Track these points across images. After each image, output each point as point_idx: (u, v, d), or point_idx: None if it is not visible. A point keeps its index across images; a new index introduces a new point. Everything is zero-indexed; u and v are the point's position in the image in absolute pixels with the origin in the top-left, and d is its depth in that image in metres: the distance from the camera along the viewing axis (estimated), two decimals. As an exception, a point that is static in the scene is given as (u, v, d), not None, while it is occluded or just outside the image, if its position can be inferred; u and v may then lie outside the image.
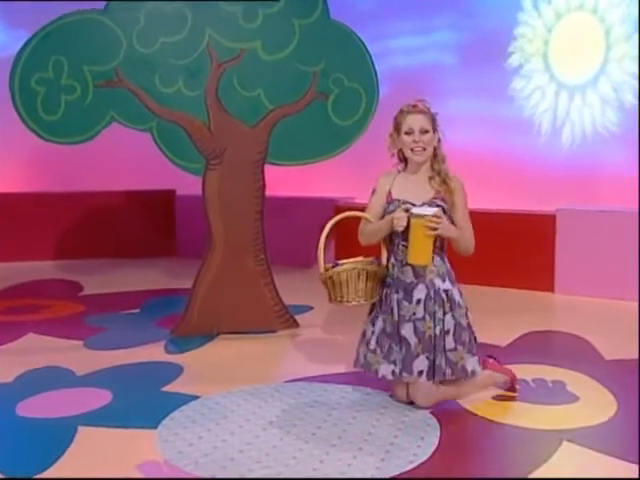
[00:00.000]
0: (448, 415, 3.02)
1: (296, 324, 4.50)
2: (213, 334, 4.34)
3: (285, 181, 7.06)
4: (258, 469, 2.52)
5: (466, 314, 3.08)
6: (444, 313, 3.01)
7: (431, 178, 3.10)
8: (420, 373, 2.98)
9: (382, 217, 3.10)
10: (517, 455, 2.71)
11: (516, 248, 5.82)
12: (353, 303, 3.03)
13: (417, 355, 2.98)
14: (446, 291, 3.03)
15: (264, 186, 4.38)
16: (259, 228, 4.38)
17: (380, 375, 3.05)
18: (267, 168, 4.41)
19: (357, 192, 6.98)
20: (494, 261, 5.75)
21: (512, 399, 3.24)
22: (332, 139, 4.56)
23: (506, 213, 5.95)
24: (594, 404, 3.14)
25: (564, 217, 5.61)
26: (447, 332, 3.01)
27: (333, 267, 3.08)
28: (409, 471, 2.51)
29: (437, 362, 2.98)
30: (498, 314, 4.88)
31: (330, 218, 5.86)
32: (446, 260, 3.12)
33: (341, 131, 4.54)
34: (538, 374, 3.55)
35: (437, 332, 2.98)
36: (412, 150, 3.07)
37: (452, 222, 3.04)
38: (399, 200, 3.07)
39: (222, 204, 4.32)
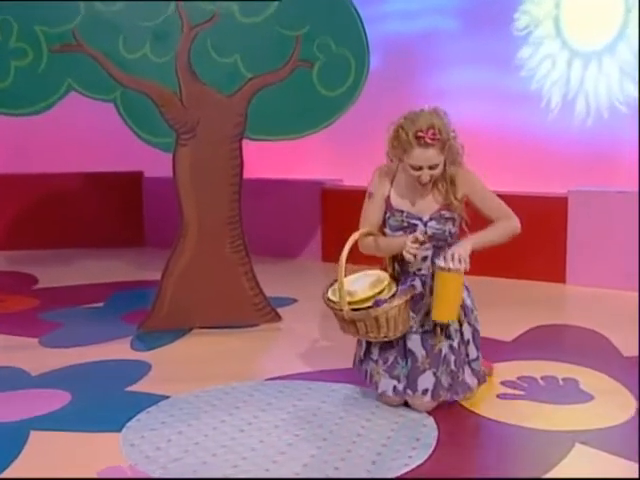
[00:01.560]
0: (446, 414, 3.03)
1: (278, 317, 4.49)
2: (185, 329, 4.34)
3: (266, 160, 7.06)
4: (235, 474, 2.52)
5: (476, 316, 3.12)
6: (460, 324, 3.04)
7: (436, 187, 3.00)
8: (425, 392, 2.99)
9: (383, 223, 3.08)
10: (524, 459, 2.72)
11: (523, 235, 5.79)
12: (397, 335, 2.98)
13: (423, 370, 3.00)
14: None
15: (242, 164, 4.36)
16: (236, 210, 4.37)
17: (380, 390, 3.07)
18: (245, 144, 4.39)
19: (346, 173, 6.99)
20: (498, 250, 5.74)
21: (518, 397, 3.25)
22: (317, 111, 4.54)
23: (511, 196, 5.82)
24: (610, 404, 3.15)
25: (577, 200, 5.63)
26: (467, 342, 3.07)
27: (368, 303, 2.95)
28: (404, 475, 2.52)
29: (442, 381, 2.99)
30: (503, 307, 4.90)
31: (316, 202, 5.85)
32: None
33: (327, 103, 4.53)
34: (548, 371, 3.57)
35: (455, 345, 3.02)
36: (418, 179, 2.95)
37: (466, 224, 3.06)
38: (402, 212, 3.02)
39: (195, 184, 4.30)
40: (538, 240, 5.75)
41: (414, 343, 3.01)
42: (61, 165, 7.40)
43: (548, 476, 2.51)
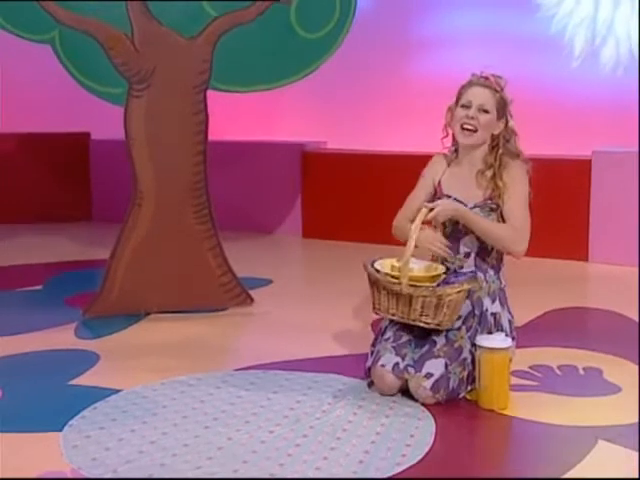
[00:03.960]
0: (446, 407, 3.05)
1: (250, 300, 4.51)
2: (140, 314, 4.35)
3: (237, 118, 7.04)
4: (197, 476, 2.52)
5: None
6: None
7: (480, 172, 3.24)
8: (428, 376, 3.05)
9: None
10: (538, 458, 2.73)
11: (540, 205, 5.84)
12: (449, 325, 3.11)
13: (437, 357, 3.09)
14: (494, 314, 3.23)
15: (207, 119, 4.35)
16: (201, 175, 4.37)
17: (380, 364, 3.13)
18: (212, 97, 4.38)
19: (330, 134, 6.99)
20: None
21: (531, 389, 3.28)
22: (296, 57, 4.56)
23: (528, 158, 5.97)
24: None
25: (602, 162, 5.66)
26: None
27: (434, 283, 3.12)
28: (395, 475, 2.53)
29: (451, 378, 3.07)
30: (516, 288, 4.91)
31: (296, 168, 5.83)
32: (502, 275, 3.33)
33: (308, 47, 4.54)
34: (566, 359, 3.61)
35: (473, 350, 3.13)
36: (461, 127, 3.20)
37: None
38: (449, 197, 3.25)
39: (151, 143, 4.29)
40: (556, 211, 5.79)
41: (437, 335, 3.13)
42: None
43: (566, 476, 2.53)
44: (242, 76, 4.49)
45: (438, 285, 3.10)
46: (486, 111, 3.18)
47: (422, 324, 3.08)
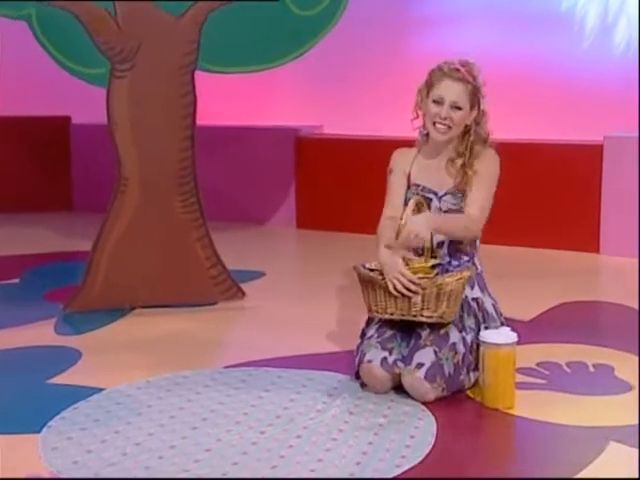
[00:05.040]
0: (447, 406, 3.07)
1: (241, 294, 4.53)
2: (125, 309, 4.35)
3: (227, 102, 7.03)
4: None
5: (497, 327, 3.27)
6: (477, 324, 3.26)
7: (451, 161, 3.35)
8: (419, 366, 3.07)
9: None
10: (545, 460, 2.73)
11: (548, 193, 5.88)
12: (452, 318, 3.16)
13: (424, 346, 3.13)
14: (476, 299, 3.31)
15: (195, 102, 4.36)
16: (189, 161, 4.38)
17: (366, 360, 3.16)
18: (200, 79, 4.38)
19: (326, 118, 6.98)
20: (519, 213, 5.81)
21: (538, 387, 3.29)
22: (290, 36, 4.56)
23: (534, 144, 5.99)
24: (652, 394, 3.21)
25: (614, 148, 5.67)
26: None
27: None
28: (395, 477, 2.54)
29: (444, 365, 3.09)
30: (522, 280, 4.95)
31: (289, 154, 5.85)
32: (477, 260, 3.40)
33: (302, 25, 4.55)
34: (575, 356, 3.62)
35: (469, 340, 3.19)
36: (434, 125, 3.28)
37: None
38: (417, 185, 3.37)
39: (135, 127, 4.30)
40: (565, 200, 5.81)
41: (420, 327, 3.18)
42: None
43: (577, 477, 2.55)
44: (232, 56, 4.50)
45: (436, 275, 3.16)
46: (459, 108, 3.24)
47: (424, 319, 3.11)
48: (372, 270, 3.17)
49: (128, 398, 3.18)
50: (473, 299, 3.29)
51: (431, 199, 3.33)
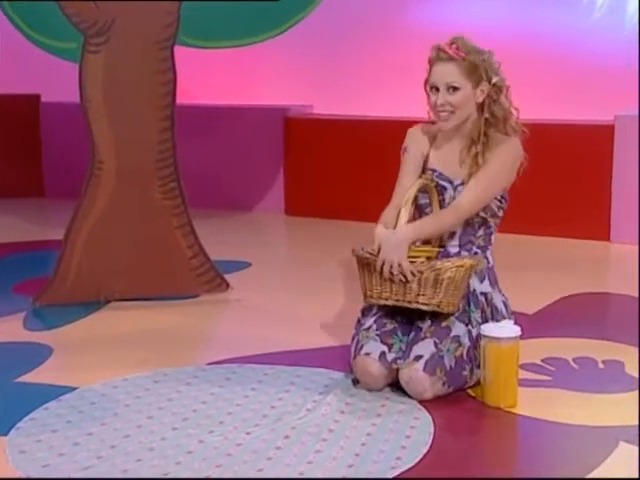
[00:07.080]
0: (446, 405, 3.09)
1: (225, 285, 4.53)
2: (99, 302, 4.36)
3: (210, 80, 7.02)
4: (165, 483, 2.56)
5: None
6: (484, 319, 3.27)
7: (466, 149, 3.34)
8: (418, 358, 3.09)
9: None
10: (550, 462, 2.76)
11: (555, 177, 5.89)
12: (451, 310, 3.18)
13: (423, 339, 3.16)
14: (485, 294, 3.32)
15: (175, 79, 4.35)
16: (169, 143, 4.38)
17: (363, 352, 3.18)
18: (180, 54, 4.38)
19: (317, 97, 6.98)
20: (524, 200, 5.80)
21: (543, 384, 3.31)
22: (276, 8, 4.55)
23: (542, 124, 5.98)
24: (664, 391, 3.23)
25: (626, 129, 5.68)
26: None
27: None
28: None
29: (445, 359, 3.11)
30: (528, 271, 4.97)
31: (278, 135, 5.85)
32: (489, 254, 3.40)
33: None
34: (583, 351, 3.64)
35: (474, 333, 3.20)
36: (438, 114, 3.29)
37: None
38: (434, 171, 3.36)
39: (110, 106, 4.30)
40: (574, 184, 5.82)
41: (422, 320, 3.21)
42: None
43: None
44: (215, 30, 4.49)
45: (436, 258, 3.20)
46: (456, 88, 3.23)
47: (420, 306, 3.12)
48: (371, 255, 3.16)
49: (103, 397, 3.18)
50: (482, 293, 3.31)
51: (446, 188, 3.33)
